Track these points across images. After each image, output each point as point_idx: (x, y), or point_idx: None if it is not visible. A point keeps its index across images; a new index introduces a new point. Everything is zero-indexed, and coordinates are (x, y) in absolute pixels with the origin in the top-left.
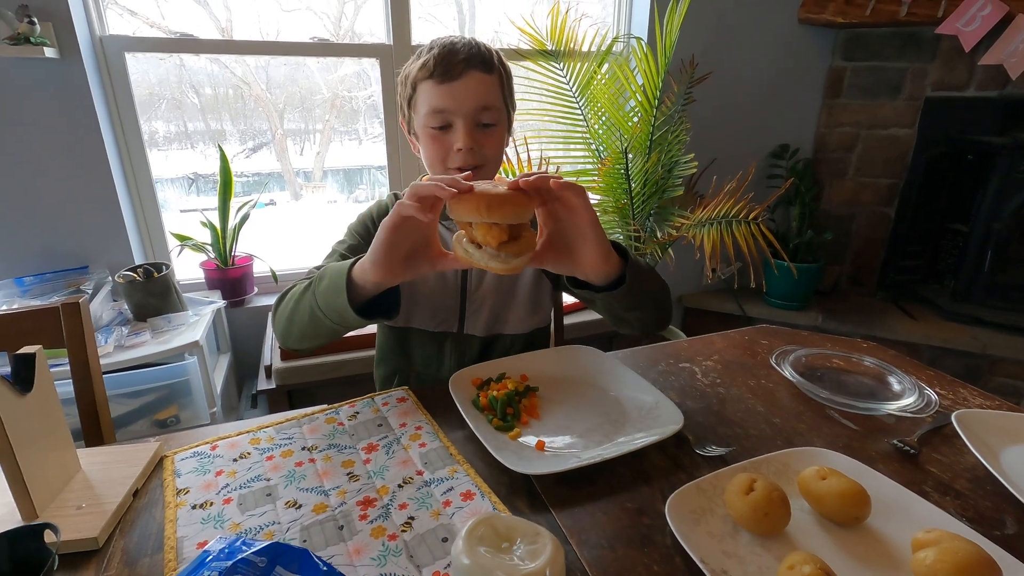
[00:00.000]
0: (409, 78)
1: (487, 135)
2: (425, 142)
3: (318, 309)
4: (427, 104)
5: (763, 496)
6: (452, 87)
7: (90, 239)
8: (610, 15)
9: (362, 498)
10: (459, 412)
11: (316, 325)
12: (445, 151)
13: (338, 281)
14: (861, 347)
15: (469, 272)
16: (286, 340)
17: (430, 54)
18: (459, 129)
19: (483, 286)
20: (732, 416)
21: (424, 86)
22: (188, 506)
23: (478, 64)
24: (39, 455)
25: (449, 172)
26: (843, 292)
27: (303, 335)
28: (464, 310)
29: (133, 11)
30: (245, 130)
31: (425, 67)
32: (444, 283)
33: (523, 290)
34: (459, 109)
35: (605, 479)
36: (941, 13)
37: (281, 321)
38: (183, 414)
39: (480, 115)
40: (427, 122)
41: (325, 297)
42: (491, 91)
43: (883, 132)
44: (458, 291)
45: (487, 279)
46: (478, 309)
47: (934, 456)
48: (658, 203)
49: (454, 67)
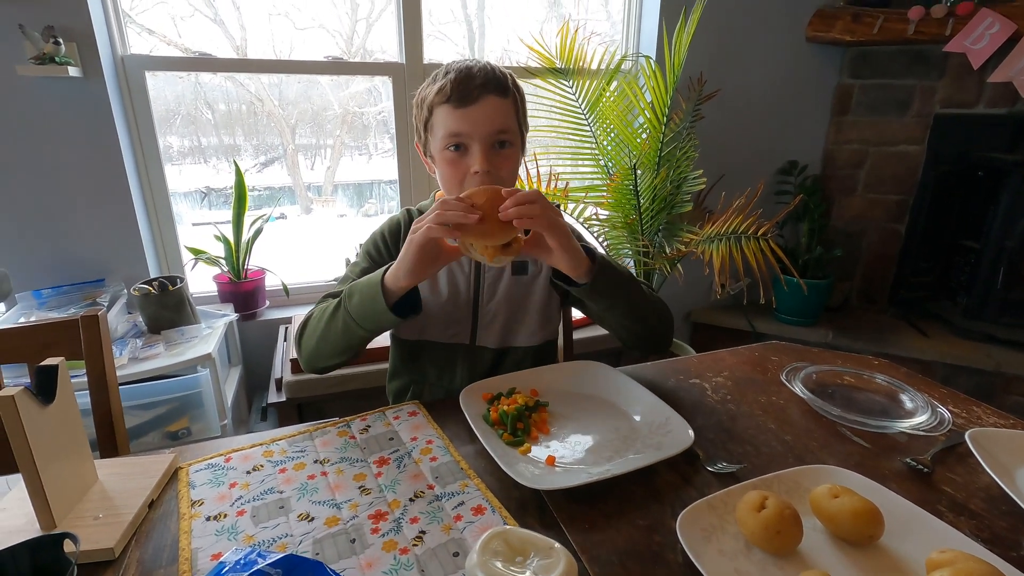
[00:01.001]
0: (425, 102)
1: (502, 157)
2: (442, 165)
3: (352, 321)
4: (444, 128)
5: (775, 514)
6: (468, 111)
7: (107, 252)
8: (619, 33)
9: (374, 511)
10: (470, 426)
11: (349, 337)
12: (462, 174)
13: (372, 291)
14: (872, 364)
15: (482, 286)
16: (315, 361)
17: (446, 79)
18: (475, 152)
19: (495, 299)
20: (743, 433)
21: (441, 110)
22: (202, 518)
23: (494, 88)
24: (59, 466)
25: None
26: (853, 308)
27: (335, 350)
28: (476, 323)
29: (152, 30)
30: (258, 145)
31: (442, 92)
32: (457, 296)
33: (534, 303)
34: (475, 132)
35: (616, 495)
36: (949, 31)
37: (309, 344)
38: (194, 426)
39: (496, 138)
40: (444, 145)
41: (360, 309)
42: (506, 114)
43: (892, 149)
44: (470, 304)
45: (499, 293)
46: (490, 322)
47: (948, 475)
48: (667, 219)
49: (471, 92)
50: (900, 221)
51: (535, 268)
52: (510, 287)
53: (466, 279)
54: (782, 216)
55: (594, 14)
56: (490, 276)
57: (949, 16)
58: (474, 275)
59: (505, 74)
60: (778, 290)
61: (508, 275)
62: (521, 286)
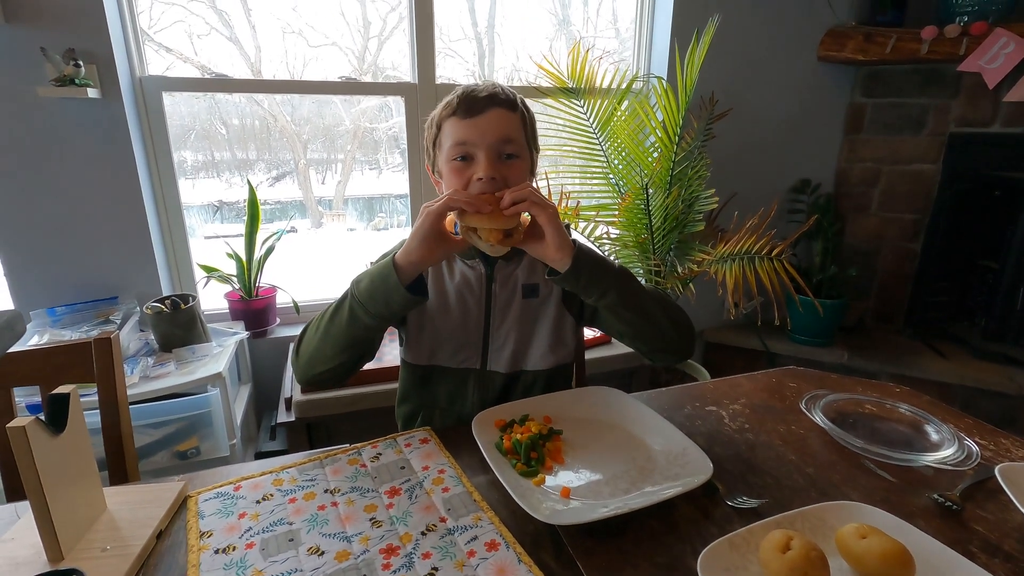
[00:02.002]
0: (434, 119)
1: (509, 166)
2: (448, 175)
3: (359, 306)
4: (450, 138)
5: (801, 556)
6: (475, 121)
7: (121, 271)
8: (628, 50)
9: (385, 546)
10: (482, 454)
11: (354, 328)
12: (466, 181)
13: (383, 271)
14: (894, 392)
15: (492, 309)
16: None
17: (456, 95)
18: (480, 159)
19: (506, 322)
20: (763, 464)
21: (448, 123)
22: (211, 550)
23: (500, 101)
24: (68, 495)
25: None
26: (869, 329)
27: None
28: (487, 347)
29: (169, 48)
30: (270, 160)
31: (448, 105)
32: (467, 320)
33: (545, 326)
34: (481, 141)
35: (633, 530)
36: (963, 51)
37: (309, 347)
38: (203, 445)
39: (502, 147)
40: (450, 155)
41: (369, 290)
42: (512, 125)
43: (906, 167)
44: (481, 327)
45: (510, 316)
46: (501, 346)
47: (979, 513)
48: (679, 238)
49: (477, 103)
50: (915, 240)
51: (545, 290)
52: (521, 310)
53: (477, 302)
54: (796, 236)
55: (603, 32)
56: (501, 299)
57: (963, 36)
58: (485, 298)
59: (514, 93)
60: (792, 310)
61: (519, 298)
62: (531, 309)
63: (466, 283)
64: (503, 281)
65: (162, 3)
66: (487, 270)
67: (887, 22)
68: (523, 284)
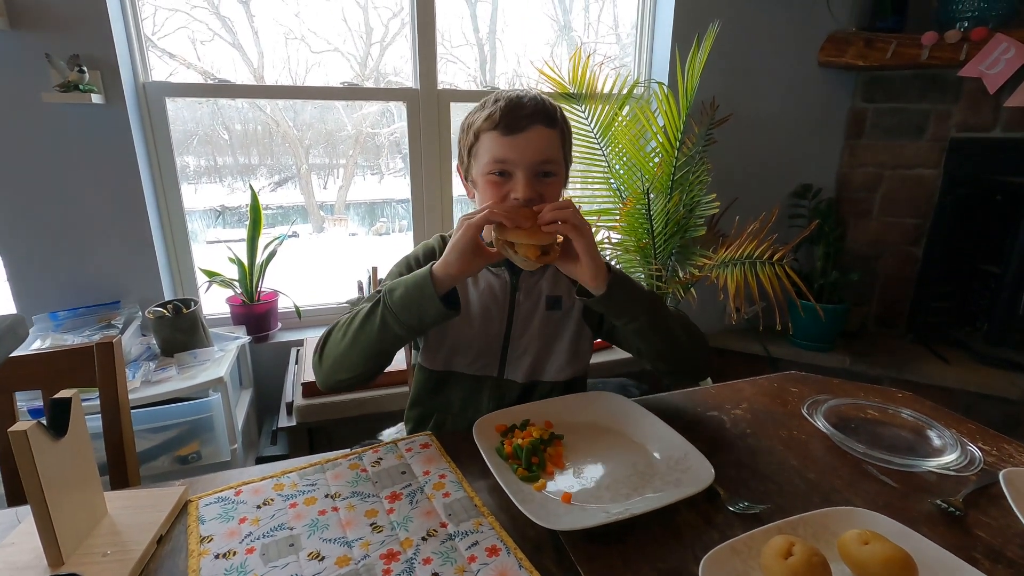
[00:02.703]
0: (472, 127)
1: (545, 185)
2: (484, 188)
3: (391, 315)
4: (489, 153)
5: (803, 562)
6: (515, 139)
7: (123, 275)
8: (629, 56)
9: (385, 551)
10: (483, 459)
11: (384, 336)
12: (502, 198)
13: (419, 280)
14: (896, 397)
15: (515, 318)
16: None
17: (495, 106)
18: (519, 179)
19: (528, 332)
20: (764, 470)
21: (488, 136)
22: (211, 555)
23: (542, 118)
24: (68, 500)
25: None
26: (871, 333)
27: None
28: (506, 355)
29: (172, 54)
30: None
31: (490, 118)
32: (489, 328)
33: (566, 338)
34: (520, 160)
35: (635, 536)
36: (963, 56)
37: (334, 352)
38: (204, 450)
39: (540, 168)
40: (488, 170)
41: (404, 300)
42: (552, 145)
43: (907, 172)
44: (502, 336)
45: (532, 327)
46: (520, 355)
47: (982, 519)
48: (680, 243)
49: (519, 120)
50: (917, 245)
51: (568, 303)
52: (543, 321)
53: (500, 311)
54: (797, 241)
55: (604, 37)
56: (524, 309)
57: (963, 41)
58: (508, 307)
59: (554, 106)
60: (794, 315)
61: (542, 309)
62: (554, 321)
63: (490, 291)
64: (527, 291)
65: (166, 10)
66: (512, 279)
67: (887, 27)
68: (547, 296)
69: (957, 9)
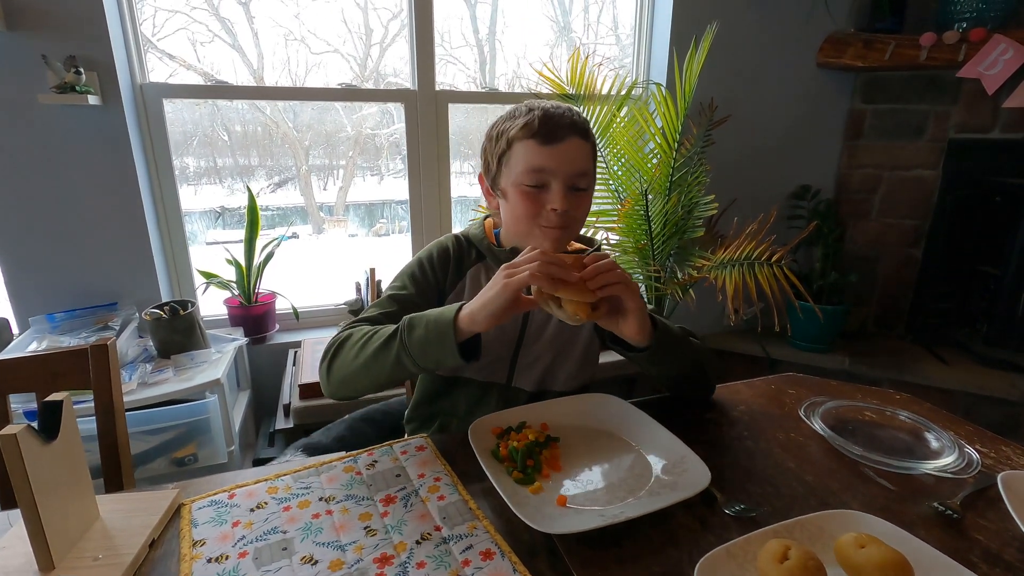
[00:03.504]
0: (504, 135)
1: (579, 199)
2: (517, 198)
3: (407, 355)
4: (525, 162)
5: (798, 565)
6: (555, 149)
7: (120, 277)
8: (628, 57)
9: (379, 555)
10: (478, 462)
11: (398, 372)
12: (538, 209)
13: (441, 327)
14: (894, 399)
15: (527, 328)
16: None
17: (532, 115)
18: (555, 190)
19: (540, 341)
20: (761, 472)
21: (524, 144)
22: (204, 559)
23: (579, 131)
24: (59, 504)
25: (541, 229)
26: (870, 335)
27: (375, 383)
28: (515, 363)
29: (172, 55)
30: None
31: (528, 127)
32: (502, 335)
33: (578, 349)
34: (559, 170)
35: (630, 539)
36: (962, 57)
37: (343, 372)
38: (201, 452)
39: (575, 180)
40: (522, 179)
41: (422, 344)
42: (588, 157)
43: (906, 173)
44: (513, 344)
45: (546, 335)
46: (531, 363)
47: (979, 522)
48: (678, 244)
49: (558, 130)
50: (916, 246)
51: None
52: (556, 332)
53: (513, 320)
54: (796, 242)
55: (603, 39)
56: (539, 318)
57: (961, 42)
58: (521, 317)
59: (586, 119)
60: (793, 316)
61: (556, 320)
62: (568, 331)
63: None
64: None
65: (165, 11)
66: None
67: (886, 28)
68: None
69: (955, 10)
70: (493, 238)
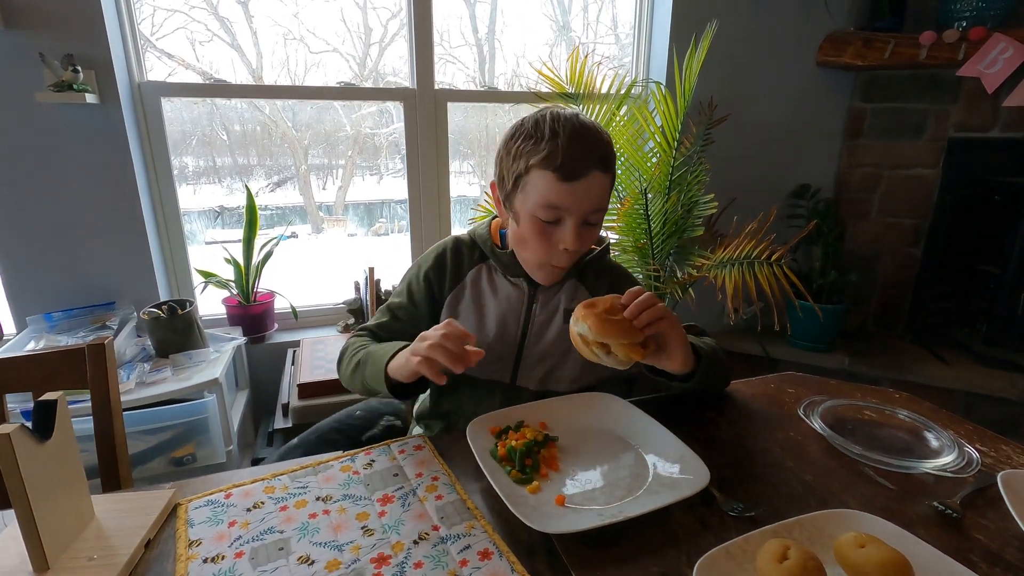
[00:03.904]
0: (523, 157)
1: (589, 232)
2: (529, 229)
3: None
4: (542, 195)
5: (798, 565)
6: (574, 187)
7: (118, 276)
8: (628, 56)
9: (376, 555)
10: (476, 461)
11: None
12: (550, 247)
13: (378, 374)
14: (894, 398)
15: (530, 328)
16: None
17: (555, 144)
18: (568, 228)
19: (543, 342)
20: (760, 472)
21: (543, 176)
22: (199, 559)
23: (600, 164)
24: (54, 504)
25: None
26: (870, 334)
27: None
28: (519, 363)
29: (171, 54)
30: (271, 166)
31: (550, 159)
32: (504, 335)
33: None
34: (575, 208)
35: (629, 538)
36: (962, 56)
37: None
38: (200, 452)
39: (591, 217)
40: (537, 212)
41: (372, 381)
42: (605, 192)
43: (906, 172)
44: (516, 343)
45: (548, 336)
46: (534, 364)
47: (979, 521)
48: (678, 243)
49: (580, 167)
50: (916, 245)
51: None
52: (559, 333)
53: (516, 319)
54: (795, 241)
55: (603, 38)
56: (541, 318)
57: (961, 41)
58: (525, 314)
59: (609, 141)
60: (792, 315)
61: (559, 322)
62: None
63: (508, 300)
64: (544, 302)
65: (164, 10)
66: (530, 291)
67: (886, 27)
68: (565, 309)
69: (955, 9)
70: (498, 239)
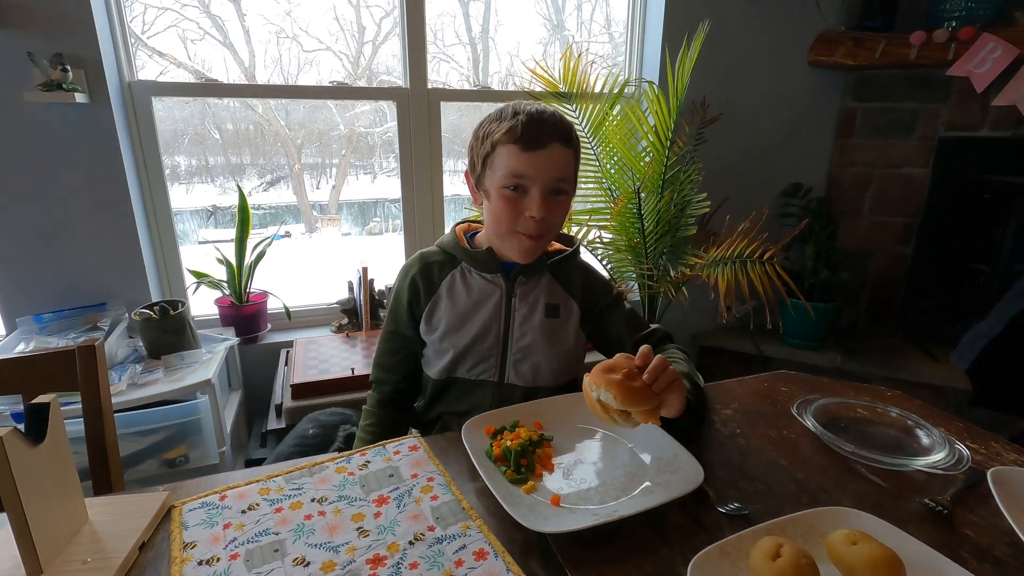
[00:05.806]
0: (489, 138)
1: (556, 204)
2: (497, 201)
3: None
4: (506, 167)
5: (791, 563)
6: (534, 156)
7: (109, 277)
8: (621, 55)
9: (372, 556)
10: (471, 461)
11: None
12: (517, 214)
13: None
14: (885, 396)
15: (512, 323)
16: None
17: (516, 119)
18: (534, 196)
19: (526, 337)
20: (754, 470)
21: (506, 149)
22: (194, 562)
23: (560, 136)
24: (47, 507)
25: (518, 235)
26: (862, 332)
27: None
28: (505, 360)
29: (162, 53)
30: (264, 165)
31: (511, 132)
32: (486, 333)
33: (565, 344)
34: (538, 177)
35: (623, 538)
36: (951, 56)
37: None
38: (192, 453)
39: (555, 185)
40: (503, 183)
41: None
42: (567, 164)
43: (897, 171)
44: (500, 341)
45: (529, 332)
46: (519, 360)
47: (970, 517)
48: (671, 242)
49: (539, 137)
50: (907, 243)
51: (566, 311)
52: (542, 327)
53: (496, 316)
54: (787, 240)
55: (597, 37)
56: (520, 314)
57: (951, 41)
58: (504, 312)
59: (571, 124)
60: (785, 314)
61: (541, 316)
62: (553, 328)
63: (485, 297)
64: (523, 296)
65: (155, 8)
66: (508, 286)
67: (876, 27)
68: (546, 303)
69: (945, 9)
70: (465, 242)
